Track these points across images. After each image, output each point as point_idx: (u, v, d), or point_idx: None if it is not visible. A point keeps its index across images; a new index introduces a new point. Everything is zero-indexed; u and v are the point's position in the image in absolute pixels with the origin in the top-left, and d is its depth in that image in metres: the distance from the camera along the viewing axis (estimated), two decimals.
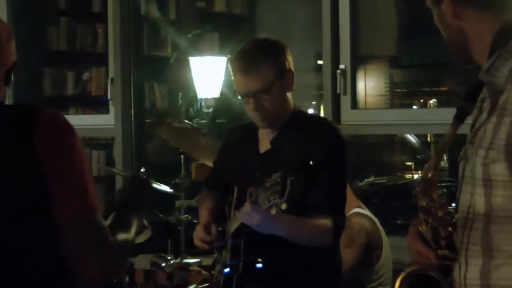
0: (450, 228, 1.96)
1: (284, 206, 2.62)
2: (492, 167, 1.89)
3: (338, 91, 4.81)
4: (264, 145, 3.10)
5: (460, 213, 1.97)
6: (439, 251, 1.95)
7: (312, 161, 2.89)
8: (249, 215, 2.74)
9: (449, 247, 1.96)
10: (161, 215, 4.70)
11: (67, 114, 6.18)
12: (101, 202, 6.41)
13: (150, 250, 4.60)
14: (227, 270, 3.00)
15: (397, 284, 1.97)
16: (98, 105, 6.06)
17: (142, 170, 4.65)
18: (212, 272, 3.21)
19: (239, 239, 2.95)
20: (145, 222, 4.69)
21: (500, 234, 1.89)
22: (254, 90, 2.95)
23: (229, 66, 3.06)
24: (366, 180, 6.44)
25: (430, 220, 1.96)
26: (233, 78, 3.03)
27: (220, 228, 3.04)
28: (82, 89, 6.40)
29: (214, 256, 3.23)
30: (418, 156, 6.45)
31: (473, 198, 1.93)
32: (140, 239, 4.69)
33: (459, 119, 1.94)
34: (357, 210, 4.04)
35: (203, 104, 5.50)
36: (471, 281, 1.92)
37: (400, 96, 6.90)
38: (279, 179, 2.62)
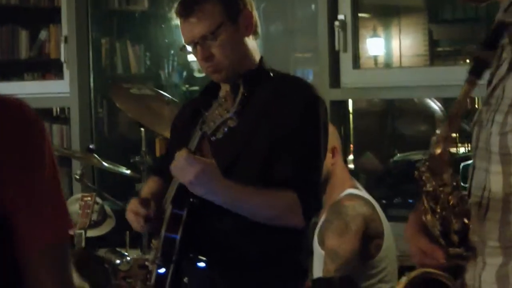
0: (465, 220, 1.79)
1: (232, 123, 2.44)
2: (511, 136, 1.70)
3: (336, 48, 4.62)
4: None
5: (473, 197, 1.80)
6: (450, 249, 1.78)
7: (280, 128, 2.68)
8: (181, 167, 2.54)
9: (463, 243, 1.78)
10: (117, 202, 4.46)
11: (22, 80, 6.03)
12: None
13: (112, 244, 4.42)
14: (161, 271, 2.65)
15: None
16: (58, 69, 5.75)
17: (91, 146, 4.35)
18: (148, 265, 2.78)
19: (181, 208, 2.66)
20: (108, 209, 4.41)
21: None
22: (198, 36, 2.74)
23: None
24: (399, 155, 6.09)
25: (438, 209, 1.79)
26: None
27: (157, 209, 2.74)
28: (39, 51, 6.12)
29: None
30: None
31: (488, 177, 1.75)
32: (102, 231, 4.41)
33: (475, 74, 1.76)
34: (351, 191, 3.83)
35: (195, 68, 5.33)
36: (486, 285, 1.78)
37: (442, 56, 6.78)
38: (228, 94, 2.50)
